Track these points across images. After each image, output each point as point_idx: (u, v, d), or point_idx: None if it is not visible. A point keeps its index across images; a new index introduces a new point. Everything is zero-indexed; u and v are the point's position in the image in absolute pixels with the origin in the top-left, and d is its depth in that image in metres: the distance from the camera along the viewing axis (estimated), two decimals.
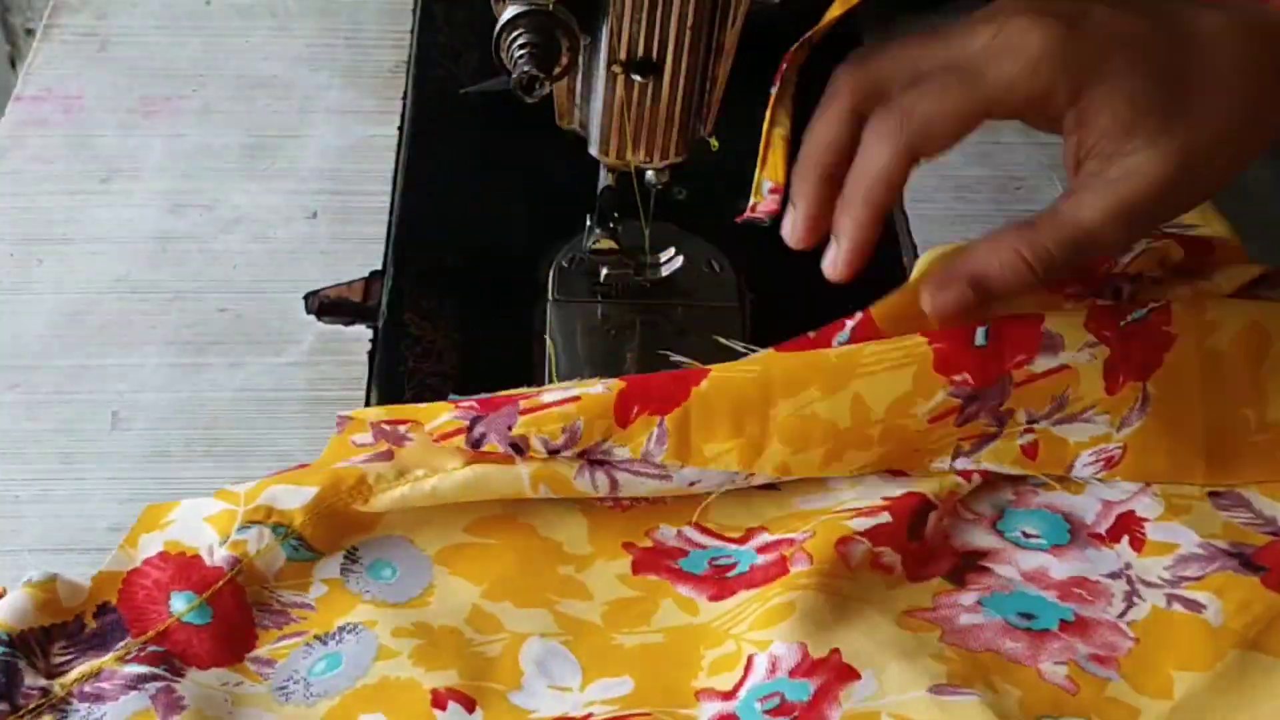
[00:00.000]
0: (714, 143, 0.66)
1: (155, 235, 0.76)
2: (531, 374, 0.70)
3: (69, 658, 0.54)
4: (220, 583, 0.56)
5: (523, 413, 0.58)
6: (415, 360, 0.70)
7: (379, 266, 0.75)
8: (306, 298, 0.73)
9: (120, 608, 0.56)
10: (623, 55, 0.61)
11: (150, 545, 0.58)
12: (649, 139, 0.65)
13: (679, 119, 0.64)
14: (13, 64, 1.39)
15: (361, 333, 0.71)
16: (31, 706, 0.52)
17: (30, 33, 1.33)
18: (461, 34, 0.90)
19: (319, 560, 0.59)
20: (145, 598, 0.56)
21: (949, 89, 0.55)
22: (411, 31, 0.90)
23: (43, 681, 0.53)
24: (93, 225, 0.76)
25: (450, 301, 0.73)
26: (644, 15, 0.60)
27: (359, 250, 0.76)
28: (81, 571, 0.60)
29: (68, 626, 0.55)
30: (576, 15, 0.60)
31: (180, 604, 0.56)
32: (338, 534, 0.59)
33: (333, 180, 0.80)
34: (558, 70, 0.60)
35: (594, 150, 0.67)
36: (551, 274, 0.74)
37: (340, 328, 0.72)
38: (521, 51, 0.60)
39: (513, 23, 0.59)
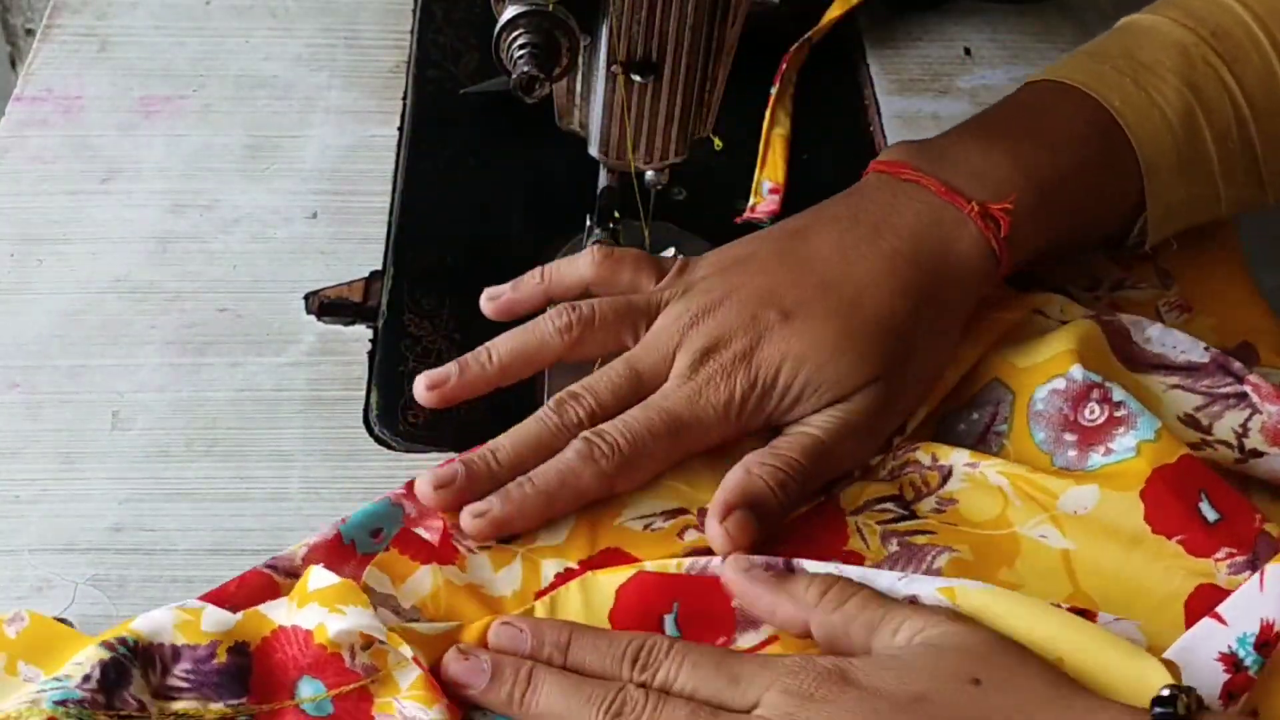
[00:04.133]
0: (718, 141, 0.66)
1: (155, 235, 0.76)
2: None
3: (187, 685, 0.53)
4: (352, 686, 0.54)
5: None
6: (415, 360, 0.70)
7: (379, 266, 0.75)
8: (306, 298, 0.73)
9: (254, 655, 0.55)
10: (623, 55, 0.61)
11: (310, 616, 0.55)
12: (649, 139, 0.65)
13: (679, 119, 0.64)
14: (13, 64, 1.39)
15: (361, 333, 0.71)
16: (124, 714, 0.52)
17: (30, 33, 1.33)
18: (461, 34, 0.90)
19: None
20: (279, 664, 0.55)
21: (660, 440, 0.61)
22: (411, 31, 0.90)
23: (145, 697, 0.52)
24: (93, 225, 0.76)
25: (450, 301, 0.73)
26: (644, 15, 0.60)
27: (359, 250, 0.76)
28: (81, 572, 0.60)
29: (198, 650, 0.54)
30: (576, 15, 0.60)
31: (306, 690, 0.54)
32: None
33: (333, 180, 0.80)
34: (558, 70, 0.61)
35: (594, 150, 0.67)
36: None
37: (340, 328, 0.72)
38: (521, 51, 0.60)
39: (513, 23, 0.59)
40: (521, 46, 0.60)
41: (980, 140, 0.67)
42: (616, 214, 0.70)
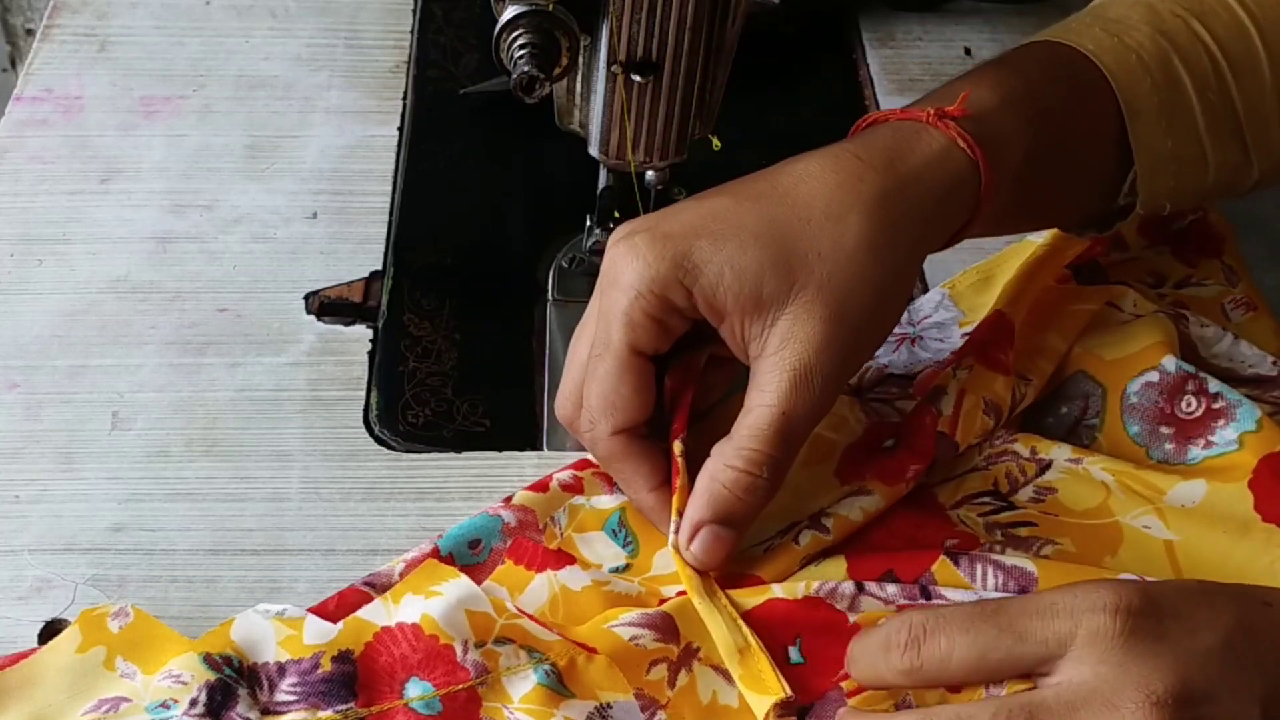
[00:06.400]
0: (716, 142, 0.66)
1: (155, 235, 0.76)
2: (531, 374, 0.70)
3: (294, 697, 0.53)
4: (461, 687, 0.54)
5: (850, 695, 0.55)
6: (415, 360, 0.70)
7: (379, 266, 0.75)
8: (306, 298, 0.73)
9: (359, 662, 0.54)
10: (623, 55, 0.62)
11: (411, 609, 0.56)
12: (649, 139, 0.65)
13: (679, 119, 0.64)
14: (13, 64, 1.39)
15: (361, 333, 0.71)
16: None
17: (30, 33, 1.33)
18: (461, 34, 0.90)
19: (569, 700, 0.54)
20: (385, 666, 0.54)
21: None
22: (411, 31, 0.90)
23: (253, 715, 0.53)
24: (93, 225, 0.76)
25: (450, 301, 0.73)
26: (644, 15, 0.60)
27: (359, 250, 0.76)
28: (81, 572, 0.60)
29: (302, 664, 0.54)
30: (576, 15, 0.60)
31: (414, 690, 0.54)
32: (596, 684, 0.55)
33: (333, 180, 0.80)
34: (558, 70, 0.61)
35: (594, 150, 0.67)
36: (551, 274, 0.74)
37: (340, 328, 0.72)
38: (521, 52, 0.60)
39: (513, 23, 0.60)
40: (521, 46, 0.60)
41: (940, 88, 0.63)
42: (616, 214, 0.70)
